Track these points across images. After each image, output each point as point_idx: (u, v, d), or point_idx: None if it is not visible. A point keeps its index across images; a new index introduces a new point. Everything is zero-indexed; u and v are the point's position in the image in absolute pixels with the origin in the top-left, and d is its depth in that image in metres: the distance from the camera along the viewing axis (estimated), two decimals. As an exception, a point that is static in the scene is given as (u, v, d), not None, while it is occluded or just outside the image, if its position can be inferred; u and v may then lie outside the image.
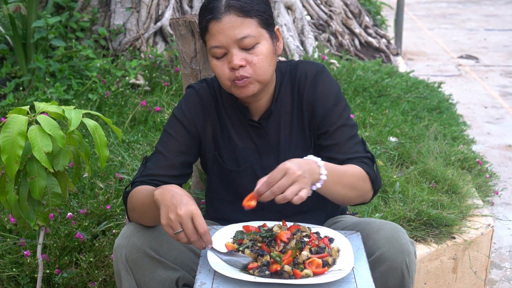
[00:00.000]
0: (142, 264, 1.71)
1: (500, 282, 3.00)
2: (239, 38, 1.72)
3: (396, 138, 3.46)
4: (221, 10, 1.72)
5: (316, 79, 1.87)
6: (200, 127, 1.90)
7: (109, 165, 2.95)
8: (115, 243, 1.74)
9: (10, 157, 1.74)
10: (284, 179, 1.56)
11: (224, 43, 1.73)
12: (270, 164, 1.88)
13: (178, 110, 1.91)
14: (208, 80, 1.96)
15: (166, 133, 1.89)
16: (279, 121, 1.90)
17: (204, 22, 1.76)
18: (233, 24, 1.72)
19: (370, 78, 4.29)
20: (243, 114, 1.90)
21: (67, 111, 1.83)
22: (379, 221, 1.83)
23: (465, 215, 2.84)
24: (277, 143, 1.90)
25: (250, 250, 1.61)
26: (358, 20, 5.64)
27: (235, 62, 1.72)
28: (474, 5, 11.60)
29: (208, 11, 1.74)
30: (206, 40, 1.79)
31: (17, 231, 2.51)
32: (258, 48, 1.75)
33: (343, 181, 1.74)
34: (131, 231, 1.74)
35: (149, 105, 3.64)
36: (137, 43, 4.31)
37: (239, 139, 1.91)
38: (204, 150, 1.93)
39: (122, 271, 1.72)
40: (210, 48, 1.76)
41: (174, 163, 1.85)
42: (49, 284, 2.35)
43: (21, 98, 3.70)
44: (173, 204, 1.55)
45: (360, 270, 1.63)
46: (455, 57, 7.56)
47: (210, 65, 1.82)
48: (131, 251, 1.70)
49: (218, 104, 1.92)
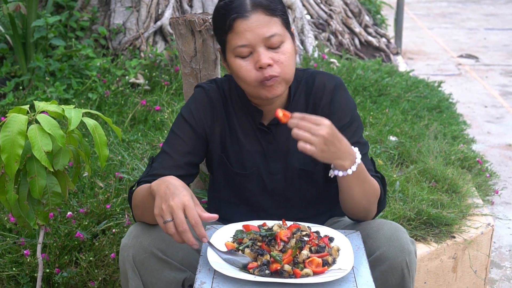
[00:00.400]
0: (149, 265, 1.70)
1: (500, 281, 3.00)
2: (268, 36, 1.69)
3: (396, 137, 3.46)
4: (248, 8, 1.69)
5: (335, 92, 1.84)
6: (208, 128, 1.87)
7: (109, 164, 2.95)
8: (121, 242, 1.73)
9: (10, 156, 1.74)
10: (314, 126, 1.58)
11: (251, 41, 1.69)
12: (277, 170, 1.87)
13: (186, 110, 1.88)
14: (218, 81, 1.92)
15: (173, 133, 1.87)
16: (290, 128, 1.89)
17: (229, 21, 1.70)
18: (261, 23, 1.69)
19: (370, 77, 4.29)
20: (253, 118, 1.87)
21: (67, 110, 1.83)
22: (379, 221, 1.83)
23: (465, 214, 2.84)
24: (287, 150, 1.88)
25: (250, 250, 1.61)
26: (358, 19, 5.64)
27: (264, 61, 1.69)
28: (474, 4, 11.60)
29: (233, 10, 1.70)
30: (229, 40, 1.73)
31: (17, 230, 2.51)
32: (284, 47, 1.72)
33: (365, 186, 1.74)
34: (138, 231, 1.72)
35: (149, 104, 3.64)
36: (137, 42, 4.31)
37: (247, 143, 1.89)
38: (211, 151, 1.90)
39: (129, 272, 1.70)
40: (235, 47, 1.71)
41: (179, 163, 1.83)
42: (49, 283, 2.34)
43: (21, 97, 3.70)
44: (166, 194, 1.55)
45: (360, 269, 1.63)
46: (455, 57, 7.56)
47: (231, 67, 1.75)
48: (139, 251, 1.69)
49: (228, 105, 1.89)
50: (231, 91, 1.89)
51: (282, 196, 1.92)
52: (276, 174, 1.88)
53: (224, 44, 1.76)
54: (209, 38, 2.29)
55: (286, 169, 1.89)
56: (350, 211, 1.83)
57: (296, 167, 1.89)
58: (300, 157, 1.88)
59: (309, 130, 1.59)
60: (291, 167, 1.89)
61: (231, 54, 1.74)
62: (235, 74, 1.76)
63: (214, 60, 2.35)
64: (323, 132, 1.59)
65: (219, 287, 1.54)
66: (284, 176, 1.89)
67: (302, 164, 1.89)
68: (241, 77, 1.74)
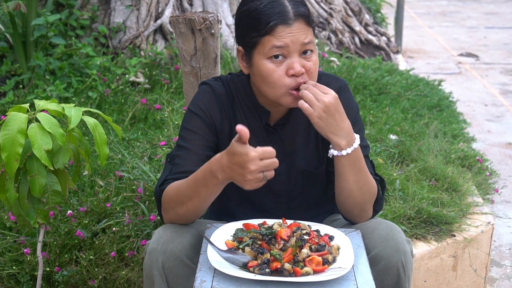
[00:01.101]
0: (178, 272, 1.70)
1: (500, 280, 3.00)
2: (306, 42, 1.72)
3: (396, 136, 3.46)
4: (291, 15, 1.71)
5: (339, 94, 1.85)
6: (217, 121, 1.86)
7: (109, 163, 2.95)
8: (149, 245, 1.71)
9: (10, 155, 1.74)
10: (321, 93, 1.69)
11: (290, 44, 1.70)
12: (280, 171, 1.87)
13: (194, 106, 1.86)
14: (223, 78, 1.92)
15: (186, 130, 1.84)
16: (296, 129, 1.89)
17: (269, 25, 1.70)
18: (302, 31, 1.72)
19: (370, 76, 4.29)
20: (260, 118, 1.87)
21: (67, 109, 1.83)
22: (375, 220, 1.83)
23: (465, 213, 2.84)
24: (292, 151, 1.89)
25: (250, 248, 1.61)
26: (358, 18, 5.64)
27: (298, 69, 1.71)
28: (474, 3, 11.60)
29: (276, 15, 1.70)
30: (263, 42, 1.72)
31: (17, 229, 2.51)
32: (313, 56, 1.76)
33: (360, 177, 1.77)
34: (168, 237, 1.71)
35: (149, 103, 3.64)
36: (137, 41, 4.30)
37: (253, 142, 1.88)
38: (219, 146, 1.88)
39: (156, 278, 1.69)
40: (271, 47, 1.71)
41: (202, 157, 1.80)
42: (49, 282, 2.35)
43: (21, 96, 3.70)
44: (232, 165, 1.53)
45: (360, 268, 1.63)
46: (455, 55, 7.56)
47: (259, 68, 1.74)
48: (169, 258, 1.68)
49: (234, 103, 1.89)
50: (238, 89, 1.89)
51: (285, 197, 1.92)
52: (280, 175, 1.88)
53: (253, 46, 1.75)
54: (209, 37, 2.29)
55: (290, 170, 1.90)
56: (345, 206, 1.83)
57: (300, 167, 1.89)
58: (304, 158, 1.89)
59: (315, 95, 1.69)
60: (295, 168, 1.90)
61: (261, 56, 1.74)
62: (262, 77, 1.75)
63: (214, 58, 2.35)
64: (326, 100, 1.68)
65: (219, 285, 1.54)
66: (288, 177, 1.90)
67: (305, 165, 1.90)
68: (270, 81, 1.74)
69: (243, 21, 1.78)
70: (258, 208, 1.93)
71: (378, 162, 3.06)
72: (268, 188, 1.88)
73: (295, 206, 1.93)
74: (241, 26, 1.79)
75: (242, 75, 1.90)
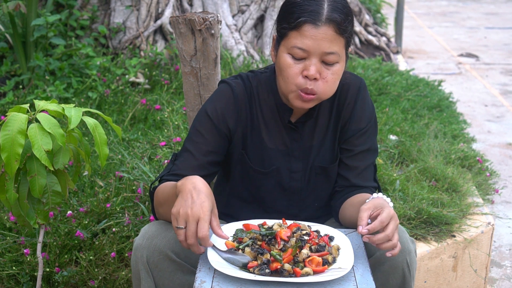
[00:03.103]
0: (163, 267, 1.70)
1: (500, 280, 3.00)
2: (327, 52, 1.68)
3: (396, 136, 3.46)
4: (322, 18, 1.66)
5: (358, 95, 1.84)
6: (231, 126, 1.84)
7: (109, 163, 2.95)
8: (135, 242, 1.72)
9: (10, 155, 1.74)
10: (392, 224, 1.58)
11: (311, 49, 1.68)
12: (297, 168, 1.87)
13: (210, 107, 1.84)
14: (244, 76, 1.89)
15: (196, 130, 1.84)
16: (315, 126, 1.88)
17: (298, 21, 1.68)
18: (327, 37, 1.67)
19: (370, 76, 4.29)
20: (281, 115, 1.86)
21: (67, 109, 1.83)
22: (378, 221, 1.83)
23: (465, 213, 2.84)
24: (309, 146, 1.89)
25: (250, 249, 1.61)
26: (358, 18, 5.64)
27: (313, 72, 1.68)
28: (474, 3, 11.60)
29: (307, 13, 1.67)
30: (289, 36, 1.70)
31: (17, 229, 2.51)
32: (336, 66, 1.71)
33: None
34: (153, 232, 1.71)
35: (149, 103, 3.64)
36: (137, 41, 4.31)
37: (269, 140, 1.88)
38: (232, 148, 1.88)
39: (142, 272, 1.70)
40: (292, 46, 1.69)
41: (202, 163, 1.81)
42: (49, 283, 2.35)
43: (21, 96, 3.70)
44: (188, 199, 1.54)
45: (360, 268, 1.63)
46: (456, 55, 7.56)
47: (279, 59, 1.74)
48: (153, 253, 1.69)
49: (253, 102, 1.87)
50: (260, 87, 1.87)
51: (298, 195, 1.92)
52: (296, 172, 1.88)
53: (282, 36, 1.74)
54: (209, 37, 2.29)
55: (306, 167, 1.90)
56: (347, 223, 1.86)
57: (316, 164, 1.90)
58: (320, 153, 1.89)
59: (392, 232, 1.59)
60: (311, 164, 1.90)
61: (284, 49, 1.72)
62: (280, 68, 1.75)
63: (214, 59, 2.34)
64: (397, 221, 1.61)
65: (219, 286, 1.54)
66: (303, 174, 1.90)
67: (320, 161, 1.90)
68: (285, 75, 1.73)
69: (282, 10, 1.77)
70: (267, 206, 1.93)
71: (378, 163, 3.06)
72: (281, 185, 1.88)
73: (307, 205, 1.94)
74: (279, 15, 1.77)
75: (267, 72, 1.89)
